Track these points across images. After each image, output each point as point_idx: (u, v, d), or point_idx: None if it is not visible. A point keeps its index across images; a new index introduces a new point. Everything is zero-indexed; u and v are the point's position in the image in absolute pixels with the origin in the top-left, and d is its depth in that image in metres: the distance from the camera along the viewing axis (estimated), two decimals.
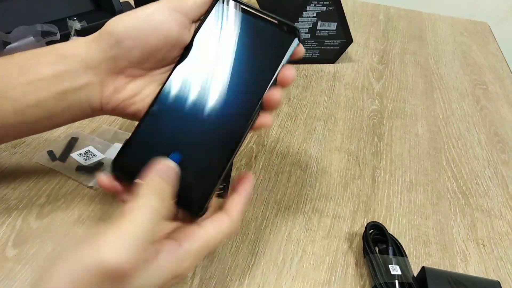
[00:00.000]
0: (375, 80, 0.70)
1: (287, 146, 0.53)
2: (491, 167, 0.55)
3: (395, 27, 0.89)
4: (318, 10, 0.65)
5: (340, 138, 0.56)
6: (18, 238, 0.38)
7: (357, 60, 0.75)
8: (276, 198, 0.46)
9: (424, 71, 0.74)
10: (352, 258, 0.41)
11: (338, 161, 0.52)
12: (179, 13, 0.31)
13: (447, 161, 0.55)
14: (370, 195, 0.48)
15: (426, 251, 0.43)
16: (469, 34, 0.90)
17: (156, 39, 0.31)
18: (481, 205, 0.49)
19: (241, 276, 0.38)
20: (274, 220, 0.44)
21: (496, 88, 0.72)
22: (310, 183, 0.49)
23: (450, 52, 0.82)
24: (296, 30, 0.31)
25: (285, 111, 0.59)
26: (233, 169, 0.49)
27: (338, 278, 0.39)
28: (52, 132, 0.50)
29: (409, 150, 0.56)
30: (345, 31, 0.69)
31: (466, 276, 0.38)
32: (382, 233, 0.42)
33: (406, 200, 0.48)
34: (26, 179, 0.44)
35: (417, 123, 0.61)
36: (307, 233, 0.43)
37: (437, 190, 0.50)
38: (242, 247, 0.41)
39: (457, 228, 0.46)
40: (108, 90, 0.33)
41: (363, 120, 0.60)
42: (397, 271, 0.37)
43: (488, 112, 0.65)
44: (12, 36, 0.57)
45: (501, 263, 0.43)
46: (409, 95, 0.67)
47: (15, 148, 0.48)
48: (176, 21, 0.31)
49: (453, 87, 0.71)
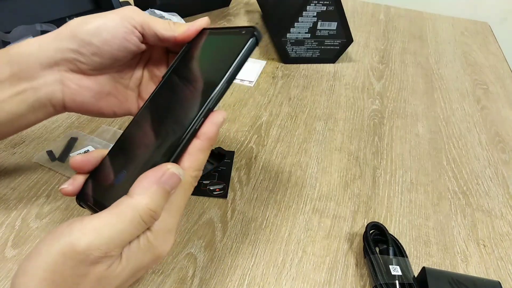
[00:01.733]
0: (375, 80, 0.70)
1: (287, 146, 0.53)
2: (491, 167, 0.54)
3: (395, 27, 0.89)
4: (318, 10, 0.65)
5: (340, 138, 0.56)
6: (18, 238, 0.38)
7: (358, 60, 0.75)
8: (276, 198, 0.46)
9: (425, 71, 0.74)
10: (352, 259, 0.41)
11: (339, 161, 0.52)
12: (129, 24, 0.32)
13: (447, 161, 0.54)
14: (371, 195, 0.48)
15: (427, 252, 0.42)
16: (469, 34, 0.90)
17: (116, 48, 0.32)
18: (482, 205, 0.49)
19: (241, 276, 0.38)
20: (274, 220, 0.44)
21: (496, 88, 0.71)
22: (310, 183, 0.48)
23: (451, 52, 0.82)
24: (254, 30, 0.30)
25: (285, 111, 0.59)
26: (233, 169, 0.49)
27: (338, 279, 0.39)
28: (51, 132, 0.50)
29: (410, 150, 0.55)
30: (346, 31, 0.68)
31: (467, 277, 0.37)
32: (383, 233, 0.42)
33: (407, 200, 0.48)
34: (25, 179, 0.44)
35: (417, 123, 0.61)
36: (307, 233, 0.43)
37: (438, 191, 0.50)
38: (242, 248, 0.40)
39: (457, 228, 0.45)
40: (70, 89, 0.33)
41: (364, 120, 0.60)
42: (397, 272, 0.37)
43: (488, 112, 0.65)
44: (12, 35, 0.57)
45: (501, 263, 0.42)
46: (409, 95, 0.67)
47: (14, 148, 0.48)
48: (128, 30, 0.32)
49: (453, 87, 0.71)
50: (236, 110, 0.58)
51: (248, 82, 0.65)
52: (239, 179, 0.48)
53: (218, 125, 0.28)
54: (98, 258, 0.23)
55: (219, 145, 0.52)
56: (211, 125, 0.27)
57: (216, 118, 0.28)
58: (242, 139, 0.53)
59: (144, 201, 0.24)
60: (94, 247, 0.23)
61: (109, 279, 0.24)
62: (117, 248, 0.24)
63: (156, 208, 0.25)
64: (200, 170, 0.28)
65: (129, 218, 0.24)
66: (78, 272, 0.23)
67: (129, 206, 0.24)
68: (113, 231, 0.23)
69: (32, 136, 0.49)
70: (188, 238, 0.40)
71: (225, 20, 0.83)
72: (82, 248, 0.22)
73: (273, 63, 0.71)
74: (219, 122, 0.28)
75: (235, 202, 0.45)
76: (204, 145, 0.27)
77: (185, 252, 0.39)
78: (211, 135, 0.27)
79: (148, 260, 0.26)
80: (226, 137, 0.53)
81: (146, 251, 0.25)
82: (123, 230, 0.24)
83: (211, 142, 0.28)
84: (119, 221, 0.24)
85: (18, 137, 0.49)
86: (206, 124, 0.27)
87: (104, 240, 0.23)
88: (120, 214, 0.24)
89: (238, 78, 0.65)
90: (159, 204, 0.25)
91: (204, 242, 0.40)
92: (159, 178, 0.25)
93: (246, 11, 0.88)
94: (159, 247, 0.26)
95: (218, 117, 0.28)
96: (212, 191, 0.45)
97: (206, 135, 0.27)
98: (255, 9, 0.88)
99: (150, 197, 0.25)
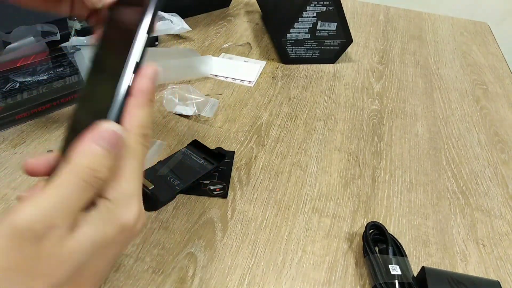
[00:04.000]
0: (375, 80, 0.70)
1: (287, 146, 0.53)
2: (491, 167, 0.55)
3: (395, 27, 0.89)
4: (318, 10, 0.65)
5: (340, 138, 0.56)
6: None
7: (357, 60, 0.75)
8: (276, 198, 0.46)
9: (424, 71, 0.74)
10: (352, 258, 0.41)
11: (338, 161, 0.52)
12: None
13: (447, 161, 0.55)
14: (370, 195, 0.48)
15: (426, 251, 0.43)
16: (469, 34, 0.90)
17: None
18: (481, 205, 0.49)
19: (241, 276, 0.38)
20: (274, 220, 0.44)
21: (496, 88, 0.72)
22: (310, 183, 0.49)
23: (450, 52, 0.82)
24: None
25: (285, 111, 0.60)
26: (233, 169, 0.49)
27: (338, 278, 0.39)
28: (52, 132, 0.50)
29: (409, 150, 0.56)
30: (345, 31, 0.69)
31: (466, 276, 0.38)
32: (382, 233, 0.42)
33: (406, 200, 0.48)
34: (26, 179, 0.44)
35: (417, 123, 0.61)
36: (307, 233, 0.43)
37: (437, 190, 0.50)
38: (242, 247, 0.41)
39: (457, 228, 0.46)
40: None
41: (363, 120, 0.60)
42: (397, 271, 0.37)
43: (488, 112, 0.65)
44: (12, 36, 0.57)
45: (501, 263, 0.43)
46: (409, 95, 0.67)
47: (15, 148, 0.48)
48: None
49: (453, 87, 0.71)
50: (236, 110, 0.59)
51: (248, 82, 0.65)
52: (239, 179, 0.48)
53: (149, 78, 0.26)
54: (43, 231, 0.20)
55: (219, 145, 0.52)
56: (141, 79, 0.26)
57: (146, 71, 0.26)
58: (242, 139, 0.54)
59: (82, 161, 0.22)
60: (35, 220, 0.20)
61: (65, 256, 0.21)
62: (63, 217, 0.21)
63: (98, 167, 0.23)
64: (145, 128, 0.26)
65: (70, 182, 0.22)
66: (28, 254, 0.20)
67: (67, 170, 0.22)
68: (55, 199, 0.21)
69: (32, 137, 0.50)
70: (188, 237, 0.41)
71: (225, 20, 0.83)
72: (22, 224, 0.20)
73: (273, 64, 0.71)
74: (150, 75, 0.26)
75: (235, 202, 0.45)
76: (140, 101, 0.26)
77: (185, 252, 0.39)
78: (143, 89, 0.26)
79: (112, 232, 0.23)
80: (226, 137, 0.54)
81: (107, 221, 0.23)
82: (66, 196, 0.21)
83: (147, 96, 0.26)
84: (60, 188, 0.22)
85: (19, 137, 0.49)
86: (137, 79, 0.26)
87: (45, 210, 0.21)
88: (59, 181, 0.22)
89: (238, 78, 0.65)
90: (102, 163, 0.23)
91: (204, 242, 0.40)
92: (95, 137, 0.23)
93: (246, 11, 0.88)
94: (122, 216, 0.23)
95: (148, 71, 0.26)
96: (212, 191, 0.45)
97: (139, 89, 0.26)
98: (255, 9, 0.88)
99: (87, 157, 0.23)
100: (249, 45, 0.75)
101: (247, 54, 0.73)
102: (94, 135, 0.23)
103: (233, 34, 0.78)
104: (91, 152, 0.23)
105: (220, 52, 0.72)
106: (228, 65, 0.69)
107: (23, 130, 0.50)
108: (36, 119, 0.52)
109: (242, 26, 0.82)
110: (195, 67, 0.64)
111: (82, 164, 0.22)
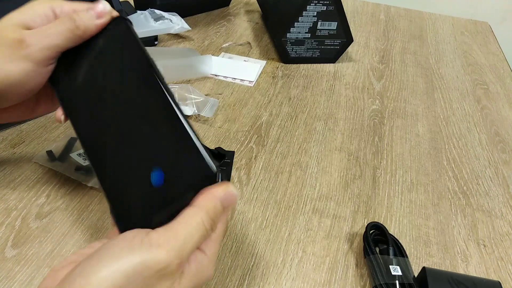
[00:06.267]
0: (375, 80, 0.70)
1: (287, 146, 0.53)
2: (492, 167, 0.54)
3: (395, 27, 0.89)
4: (318, 10, 0.65)
5: (340, 138, 0.56)
6: (18, 238, 0.38)
7: (358, 59, 0.75)
8: (276, 198, 0.46)
9: (425, 70, 0.74)
10: (352, 259, 0.41)
11: (339, 161, 0.52)
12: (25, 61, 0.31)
13: (447, 161, 0.54)
14: (371, 195, 0.48)
15: (427, 252, 0.42)
16: (469, 34, 0.90)
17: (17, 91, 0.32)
18: (482, 205, 0.49)
19: (241, 276, 0.38)
20: (274, 220, 0.44)
21: (497, 88, 0.71)
22: (310, 183, 0.48)
23: (451, 52, 0.82)
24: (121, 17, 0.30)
25: (285, 111, 0.59)
26: (233, 169, 0.49)
27: (338, 279, 0.39)
28: (51, 132, 0.50)
29: (410, 150, 0.55)
30: (346, 31, 0.68)
31: (467, 277, 0.37)
32: (383, 233, 0.42)
33: (407, 200, 0.48)
34: (25, 179, 0.44)
35: (417, 123, 0.61)
36: (307, 233, 0.43)
37: (438, 190, 0.50)
38: (242, 248, 0.40)
39: (457, 228, 0.45)
40: None
41: (364, 120, 0.60)
42: (397, 272, 0.37)
43: (489, 112, 0.65)
44: None
45: (502, 263, 0.42)
46: (409, 95, 0.67)
47: (14, 148, 0.48)
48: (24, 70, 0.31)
49: (453, 87, 0.70)
50: (236, 110, 0.58)
51: (248, 82, 0.65)
52: (239, 179, 0.48)
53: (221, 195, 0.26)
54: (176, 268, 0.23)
55: (219, 145, 0.52)
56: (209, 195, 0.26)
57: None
58: (242, 139, 0.53)
59: (207, 206, 0.25)
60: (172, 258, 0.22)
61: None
62: (186, 256, 0.23)
63: (215, 219, 0.25)
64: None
65: (194, 224, 0.24)
66: (147, 284, 0.22)
67: (193, 213, 0.24)
68: (184, 237, 0.23)
69: (32, 136, 0.49)
70: None
71: (225, 19, 0.83)
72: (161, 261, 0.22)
73: (273, 63, 0.71)
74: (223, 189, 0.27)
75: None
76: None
77: None
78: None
79: (198, 282, 0.25)
80: (226, 137, 0.53)
81: (200, 273, 0.25)
82: (191, 235, 0.24)
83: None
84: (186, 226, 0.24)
85: (18, 137, 0.49)
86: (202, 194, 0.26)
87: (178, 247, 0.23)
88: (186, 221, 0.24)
89: (238, 78, 0.65)
90: (218, 217, 0.25)
91: None
92: (221, 194, 0.25)
93: (246, 11, 0.88)
94: (210, 272, 0.26)
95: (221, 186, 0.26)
96: None
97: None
98: (255, 9, 0.88)
99: (212, 207, 0.25)
100: (249, 44, 0.75)
101: (247, 54, 0.72)
102: (221, 193, 0.25)
103: (233, 34, 0.78)
104: (215, 206, 0.25)
105: (220, 51, 0.72)
106: (228, 64, 0.68)
107: (22, 130, 0.50)
108: (35, 119, 0.52)
109: (242, 25, 0.82)
110: (195, 67, 0.63)
111: (207, 209, 0.24)
